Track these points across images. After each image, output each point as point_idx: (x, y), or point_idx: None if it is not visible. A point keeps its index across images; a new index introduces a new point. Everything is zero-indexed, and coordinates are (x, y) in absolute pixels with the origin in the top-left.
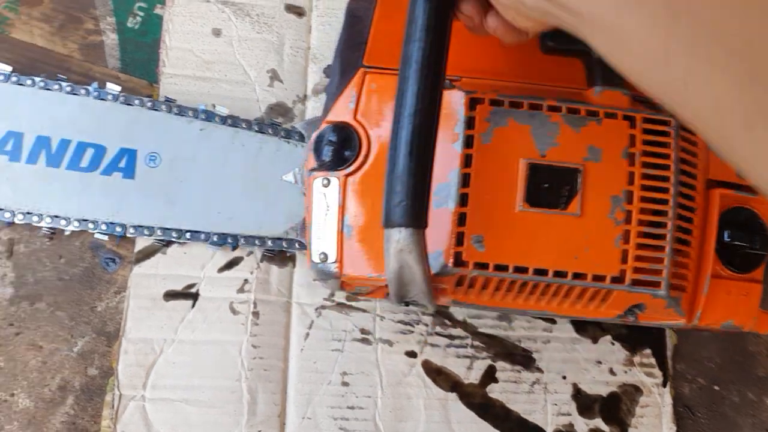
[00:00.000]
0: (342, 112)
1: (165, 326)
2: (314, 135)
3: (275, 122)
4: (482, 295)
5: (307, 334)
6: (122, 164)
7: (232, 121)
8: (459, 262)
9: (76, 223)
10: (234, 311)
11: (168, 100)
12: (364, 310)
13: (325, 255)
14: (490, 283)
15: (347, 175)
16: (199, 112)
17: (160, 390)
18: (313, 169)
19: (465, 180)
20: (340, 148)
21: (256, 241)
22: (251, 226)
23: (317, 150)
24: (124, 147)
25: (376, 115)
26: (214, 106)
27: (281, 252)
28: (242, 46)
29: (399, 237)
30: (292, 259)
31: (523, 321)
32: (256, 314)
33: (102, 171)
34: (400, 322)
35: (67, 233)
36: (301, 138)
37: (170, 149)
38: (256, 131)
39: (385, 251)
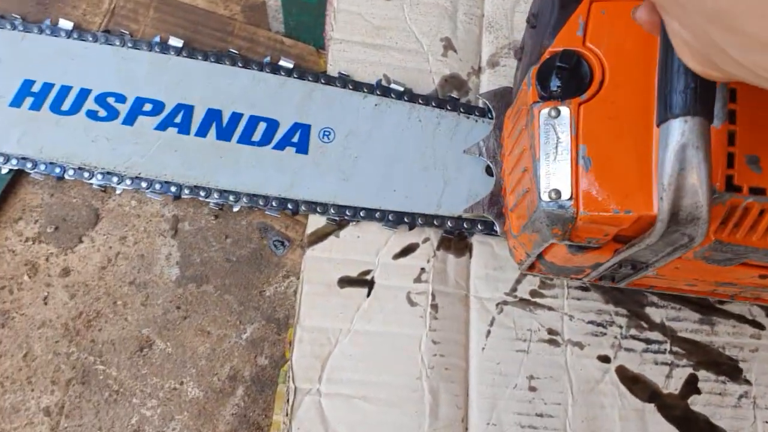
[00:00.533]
0: (569, 41)
1: (340, 315)
2: (537, 66)
3: (453, 97)
4: (752, 233)
5: (489, 332)
6: (295, 139)
7: (408, 96)
8: (731, 187)
9: (245, 199)
10: (411, 302)
11: (342, 76)
12: (550, 308)
13: (558, 192)
14: (766, 216)
15: (581, 104)
16: (374, 87)
17: (337, 384)
18: (537, 102)
19: (732, 95)
20: (570, 76)
21: (435, 221)
22: (429, 205)
23: (542, 80)
24: (297, 122)
25: (608, 40)
26: (389, 81)
27: (460, 237)
28: (414, 11)
29: (683, 129)
30: (469, 248)
31: (727, 325)
32: (434, 307)
33: (274, 145)
34: (591, 322)
35: (235, 210)
36: (482, 113)
37: (344, 124)
38: (434, 106)
39: (660, 151)
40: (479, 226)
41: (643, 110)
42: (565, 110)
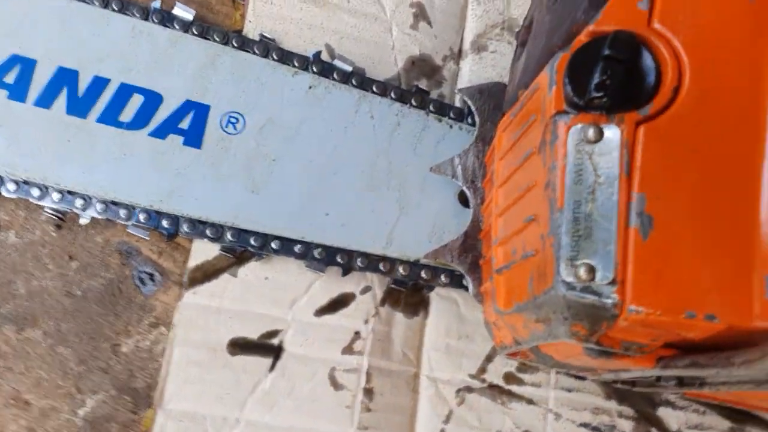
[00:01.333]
0: (624, 17)
1: (227, 396)
2: (561, 56)
3: (421, 88)
4: None
5: None
6: (184, 124)
7: (358, 80)
8: None
9: (99, 208)
10: (336, 384)
11: (264, 39)
12: (530, 401)
13: (591, 270)
14: None
15: (641, 122)
16: (310, 62)
17: None
18: (564, 113)
19: None
20: (625, 75)
21: (381, 265)
22: (375, 240)
23: (576, 78)
24: (190, 99)
25: (691, 21)
26: (332, 56)
27: (412, 289)
28: None
29: None
30: (425, 305)
31: None
32: (368, 393)
33: (153, 131)
34: (584, 426)
35: (83, 222)
36: (460, 116)
37: (260, 111)
38: (393, 99)
39: None
40: (443, 277)
41: (750, 141)
42: (612, 132)
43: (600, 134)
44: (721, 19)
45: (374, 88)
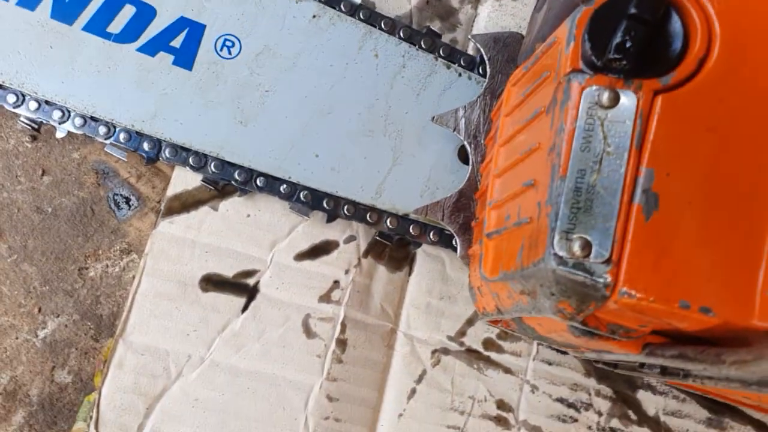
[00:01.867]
0: None
1: (194, 334)
2: (583, 11)
3: (432, 29)
4: None
5: (413, 392)
6: (176, 42)
7: (366, 14)
8: None
9: (78, 121)
10: (309, 331)
11: None
12: (508, 370)
13: (587, 245)
14: None
15: (660, 91)
16: None
17: None
18: (579, 72)
19: None
20: (650, 38)
21: (368, 216)
22: (365, 188)
23: (596, 35)
24: (185, 16)
25: None
26: None
27: (398, 244)
28: None
29: None
30: (410, 261)
31: (738, 428)
32: (341, 344)
33: (142, 46)
34: (560, 401)
35: (60, 135)
36: (471, 64)
37: (258, 36)
38: (401, 38)
39: None
40: (431, 235)
41: None
42: (628, 99)
43: (615, 99)
44: None
45: (382, 25)
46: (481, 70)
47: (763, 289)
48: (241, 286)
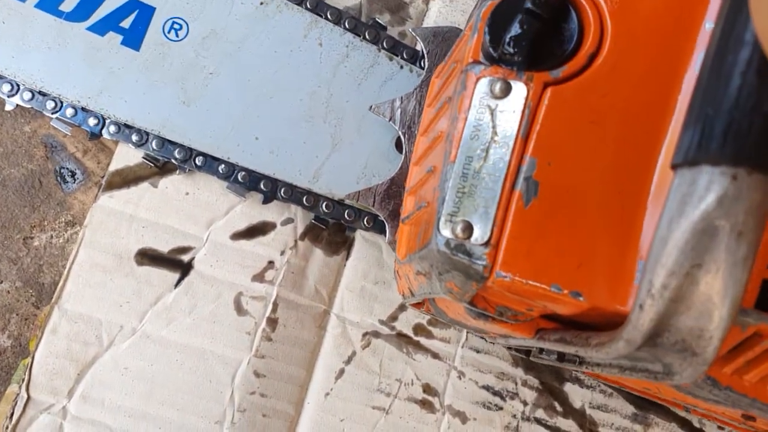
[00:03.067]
0: None
1: (127, 305)
2: (488, 4)
3: (378, 22)
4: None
5: (342, 372)
6: (126, 23)
7: (312, 3)
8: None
9: (27, 95)
10: (240, 308)
11: None
12: (436, 355)
13: (468, 227)
14: None
15: (550, 84)
16: None
17: (95, 407)
18: (478, 63)
19: None
20: (544, 32)
21: (305, 199)
22: (303, 172)
23: (495, 28)
24: None
25: None
26: None
27: (337, 228)
28: None
29: (724, 190)
30: (347, 245)
31: (666, 430)
32: (272, 322)
33: (92, 25)
34: (486, 388)
35: (10, 108)
36: (413, 57)
37: (206, 20)
38: (346, 29)
39: (665, 216)
40: (365, 220)
41: (653, 126)
42: (519, 89)
43: (507, 90)
44: None
45: (328, 15)
46: (422, 63)
47: (630, 278)
48: (176, 262)
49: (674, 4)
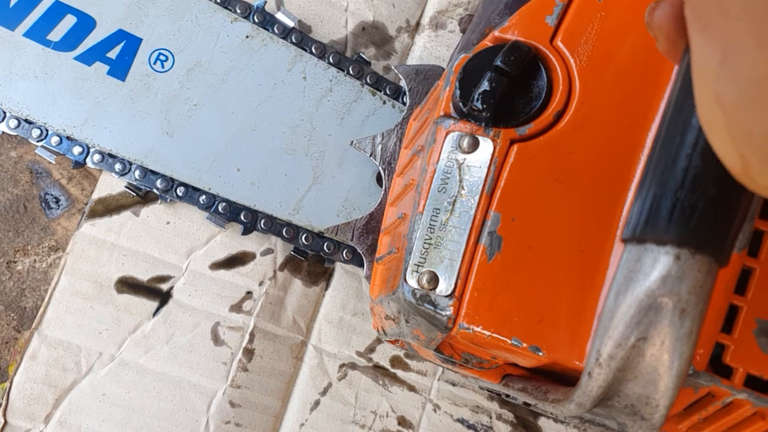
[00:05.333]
0: (528, 29)
1: (106, 332)
2: (461, 58)
3: (362, 57)
4: None
5: (317, 403)
6: (113, 54)
7: (298, 37)
8: (719, 367)
9: (13, 122)
10: (217, 339)
11: None
12: (412, 388)
13: (434, 278)
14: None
15: (516, 141)
16: (252, 10)
17: None
18: (448, 117)
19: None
20: (513, 89)
21: (285, 231)
22: (284, 204)
23: (465, 84)
24: (123, 29)
25: (593, 47)
26: (279, 6)
27: (317, 259)
28: None
29: (669, 270)
30: (327, 276)
31: None
32: (248, 353)
33: (80, 55)
34: (461, 421)
35: None
36: (396, 93)
37: (191, 52)
38: (330, 63)
39: (614, 288)
40: (344, 253)
41: (615, 187)
42: (486, 145)
43: (474, 145)
44: (623, 52)
45: (313, 49)
46: (404, 100)
47: (587, 334)
48: (155, 291)
49: (642, 65)
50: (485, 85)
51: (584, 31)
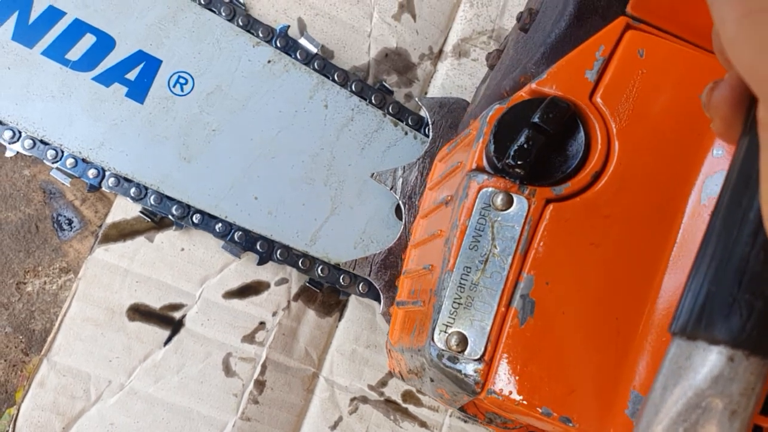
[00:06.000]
0: (566, 83)
1: (116, 360)
2: (495, 109)
3: (385, 86)
4: None
5: None
6: (132, 75)
7: (320, 64)
8: None
9: (28, 143)
10: (229, 370)
11: (234, 3)
12: (423, 424)
13: (463, 340)
14: None
15: (553, 200)
16: (275, 35)
17: None
18: (481, 171)
19: None
20: (551, 147)
21: (300, 262)
22: (301, 235)
23: (501, 138)
24: (143, 50)
25: (634, 106)
26: (302, 31)
27: (331, 290)
28: None
29: (721, 371)
30: (341, 308)
31: None
32: (260, 385)
33: (98, 75)
34: None
35: (10, 155)
36: (419, 124)
37: (212, 76)
38: (353, 92)
39: (659, 378)
40: (360, 287)
41: (655, 251)
42: (521, 203)
43: (509, 203)
44: (664, 113)
45: (335, 76)
46: (426, 131)
47: (621, 407)
48: (167, 319)
49: (683, 128)
50: (522, 142)
51: (625, 89)
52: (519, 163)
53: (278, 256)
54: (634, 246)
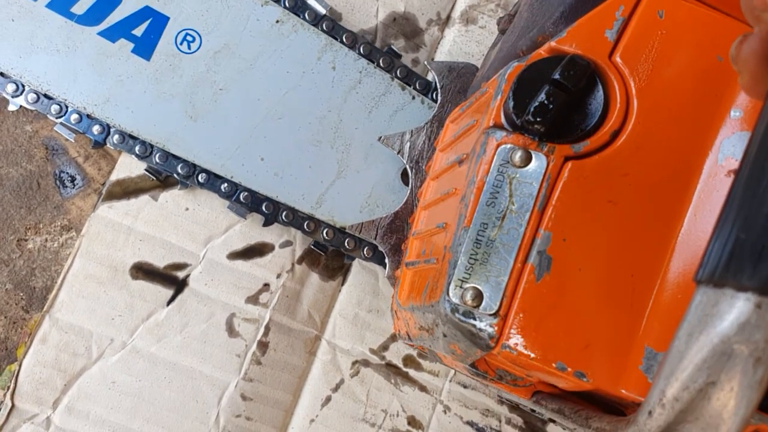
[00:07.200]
0: (586, 42)
1: (118, 318)
2: (514, 66)
3: (393, 49)
4: None
5: (329, 399)
6: (138, 31)
7: (329, 25)
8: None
9: (31, 97)
10: (232, 330)
11: None
12: (423, 388)
13: (478, 295)
14: None
15: (571, 158)
16: None
17: (80, 419)
18: (499, 128)
19: None
20: (570, 105)
21: (306, 224)
22: (306, 197)
23: (520, 95)
24: (150, 6)
25: (653, 66)
26: None
27: (335, 254)
28: None
29: (748, 317)
30: (344, 272)
31: None
32: (263, 346)
33: (104, 30)
34: (470, 424)
35: (13, 108)
36: (426, 88)
37: (219, 34)
38: (360, 54)
39: (683, 326)
40: (365, 250)
41: (671, 209)
42: (539, 160)
43: (527, 160)
44: (683, 72)
45: (344, 38)
46: (434, 96)
47: (635, 363)
48: (171, 278)
49: (701, 89)
50: (542, 98)
51: (644, 49)
52: (539, 119)
53: (283, 218)
54: (650, 204)
